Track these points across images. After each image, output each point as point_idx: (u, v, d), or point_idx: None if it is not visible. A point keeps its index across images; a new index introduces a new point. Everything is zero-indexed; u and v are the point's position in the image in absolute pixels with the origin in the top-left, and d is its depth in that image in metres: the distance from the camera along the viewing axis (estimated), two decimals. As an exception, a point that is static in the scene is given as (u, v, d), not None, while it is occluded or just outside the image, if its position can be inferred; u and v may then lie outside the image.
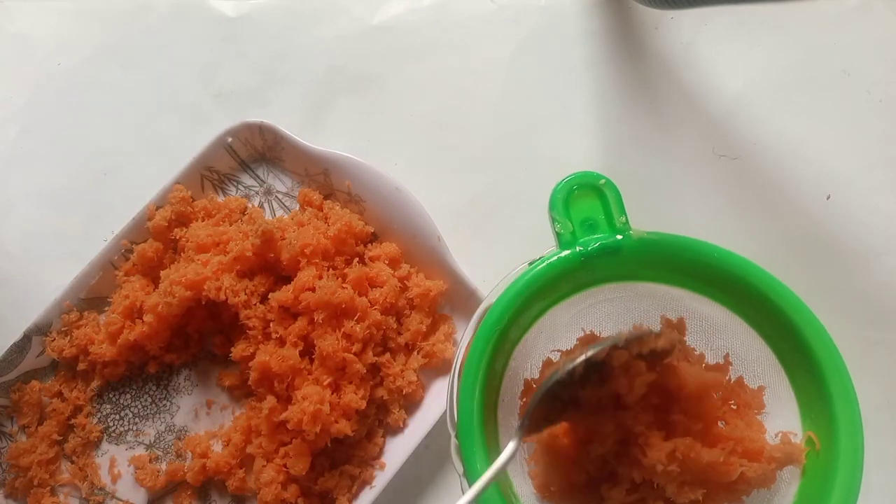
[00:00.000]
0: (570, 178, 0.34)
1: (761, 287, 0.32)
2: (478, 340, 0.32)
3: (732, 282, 0.33)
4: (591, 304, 0.35)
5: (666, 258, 0.33)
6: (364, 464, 0.39)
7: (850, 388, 0.30)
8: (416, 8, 0.49)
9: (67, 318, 0.41)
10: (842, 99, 0.45)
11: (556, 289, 0.34)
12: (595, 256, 0.33)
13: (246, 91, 0.48)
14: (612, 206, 0.34)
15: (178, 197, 0.42)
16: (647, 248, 0.33)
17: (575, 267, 0.33)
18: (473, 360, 0.32)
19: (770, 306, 0.32)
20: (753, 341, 0.34)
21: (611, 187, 0.34)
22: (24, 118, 0.48)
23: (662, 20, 0.48)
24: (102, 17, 0.51)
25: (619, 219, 0.34)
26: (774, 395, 0.33)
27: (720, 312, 0.34)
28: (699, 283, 0.34)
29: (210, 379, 0.42)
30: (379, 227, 0.43)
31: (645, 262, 0.34)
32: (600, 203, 0.34)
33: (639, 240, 0.33)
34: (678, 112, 0.46)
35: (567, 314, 0.35)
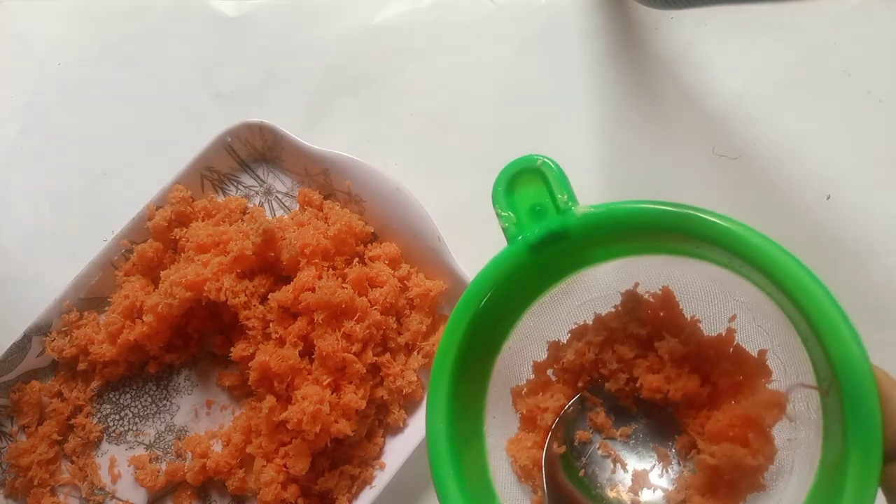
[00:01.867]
0: (508, 166, 0.32)
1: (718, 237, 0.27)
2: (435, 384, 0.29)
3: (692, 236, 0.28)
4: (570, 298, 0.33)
5: (617, 229, 0.30)
6: (364, 464, 0.39)
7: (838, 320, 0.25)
8: (416, 8, 0.49)
9: (67, 318, 0.41)
10: (842, 99, 0.45)
11: (516, 294, 0.31)
12: (542, 244, 0.30)
13: (246, 91, 0.48)
14: (554, 186, 0.30)
15: (178, 197, 0.42)
16: (596, 223, 0.29)
17: (525, 261, 0.30)
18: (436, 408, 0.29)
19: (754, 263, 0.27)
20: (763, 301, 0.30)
21: (549, 167, 0.31)
22: (24, 118, 0.48)
23: (662, 20, 0.48)
24: (102, 17, 0.51)
25: (561, 198, 0.30)
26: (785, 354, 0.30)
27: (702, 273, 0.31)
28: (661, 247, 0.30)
29: (210, 379, 0.42)
30: (379, 227, 0.43)
31: (598, 239, 0.30)
32: (544, 186, 0.31)
33: (583, 216, 0.29)
34: (678, 112, 0.46)
35: (553, 310, 0.33)
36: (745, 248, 0.26)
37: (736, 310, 0.31)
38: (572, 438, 0.31)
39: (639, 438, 0.31)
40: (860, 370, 0.24)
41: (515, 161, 0.32)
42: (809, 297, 0.25)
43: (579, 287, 0.33)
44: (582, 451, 0.31)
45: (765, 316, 0.30)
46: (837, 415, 0.25)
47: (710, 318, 0.32)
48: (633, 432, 0.31)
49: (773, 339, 0.30)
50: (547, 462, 0.30)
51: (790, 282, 0.25)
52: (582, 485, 0.30)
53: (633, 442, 0.31)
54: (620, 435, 0.31)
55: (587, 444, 0.31)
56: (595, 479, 0.30)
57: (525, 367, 0.33)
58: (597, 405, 0.31)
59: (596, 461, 0.31)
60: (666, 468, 0.30)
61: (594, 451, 0.31)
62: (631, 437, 0.31)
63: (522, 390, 0.33)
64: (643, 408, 0.31)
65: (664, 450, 0.30)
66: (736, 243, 0.27)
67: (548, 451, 0.30)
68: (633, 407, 0.31)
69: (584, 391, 0.32)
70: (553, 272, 0.32)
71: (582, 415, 0.31)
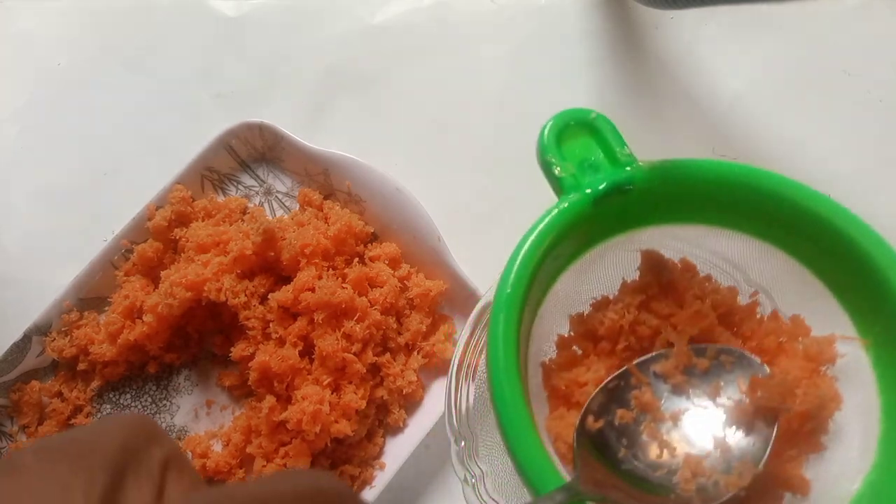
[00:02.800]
0: (557, 117, 0.30)
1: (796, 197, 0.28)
2: (497, 315, 0.26)
3: (759, 199, 0.28)
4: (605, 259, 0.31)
5: (684, 186, 0.29)
6: (364, 464, 0.39)
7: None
8: (416, 8, 0.49)
9: (67, 318, 0.41)
10: (842, 99, 0.45)
11: (566, 246, 0.29)
12: (606, 196, 0.28)
13: (246, 91, 0.48)
14: (611, 139, 0.29)
15: (178, 197, 0.42)
16: (661, 178, 0.28)
17: (587, 213, 0.28)
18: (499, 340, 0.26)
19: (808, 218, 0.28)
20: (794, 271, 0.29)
21: (603, 120, 0.30)
22: (24, 118, 0.48)
23: (662, 20, 0.48)
24: (102, 17, 0.51)
25: (622, 151, 0.29)
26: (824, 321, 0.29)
27: (748, 245, 0.30)
28: (725, 213, 0.29)
29: (210, 379, 0.42)
30: (379, 227, 0.43)
31: (661, 196, 0.29)
32: (595, 141, 0.29)
33: (650, 169, 0.28)
34: (678, 112, 0.46)
35: (581, 281, 0.31)
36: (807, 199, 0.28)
37: (766, 283, 0.31)
38: (612, 416, 0.28)
39: (691, 420, 0.28)
40: None
41: (565, 112, 0.30)
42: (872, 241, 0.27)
43: (605, 257, 0.31)
44: (623, 430, 0.28)
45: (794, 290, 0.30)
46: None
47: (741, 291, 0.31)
48: (683, 414, 0.28)
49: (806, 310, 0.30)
50: (579, 437, 0.27)
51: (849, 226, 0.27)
52: (618, 467, 0.27)
53: (684, 426, 0.28)
54: (670, 417, 0.28)
55: (628, 423, 0.28)
56: (636, 462, 0.27)
57: (550, 342, 0.31)
58: (643, 383, 0.29)
59: (639, 444, 0.28)
60: (724, 453, 0.27)
61: (637, 431, 0.28)
62: (680, 420, 0.28)
63: (554, 365, 0.30)
64: (695, 386, 0.28)
65: (723, 433, 0.27)
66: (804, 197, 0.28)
67: (581, 426, 0.28)
68: (684, 385, 0.28)
69: (630, 366, 0.29)
70: (597, 232, 0.30)
71: (625, 392, 0.28)
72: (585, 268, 0.31)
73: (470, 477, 0.31)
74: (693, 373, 0.29)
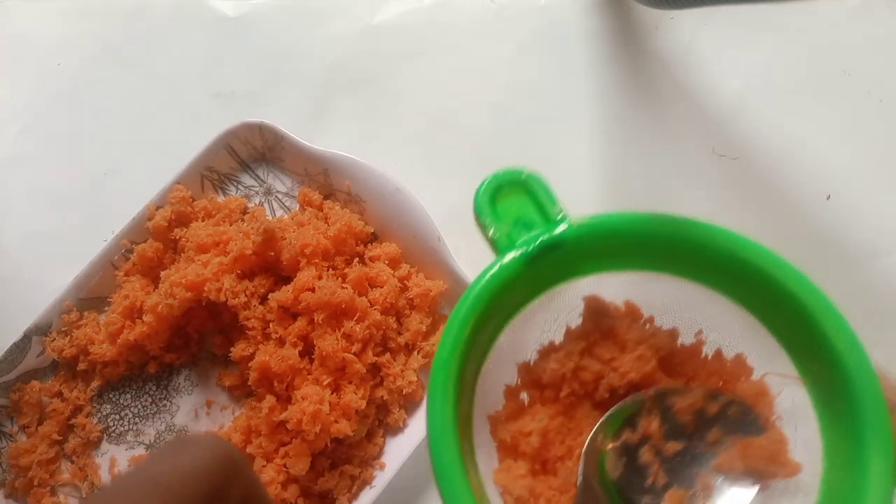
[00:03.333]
0: (490, 179, 0.31)
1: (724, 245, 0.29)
2: (434, 383, 0.28)
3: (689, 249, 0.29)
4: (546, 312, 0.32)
5: (614, 239, 0.30)
6: (364, 464, 0.39)
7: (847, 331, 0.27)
8: (416, 8, 0.49)
9: (67, 318, 0.41)
10: (842, 99, 0.45)
11: (508, 302, 0.31)
12: (539, 255, 0.29)
13: (246, 91, 0.48)
14: (543, 198, 0.30)
15: (178, 197, 0.42)
16: (592, 233, 0.30)
17: (521, 272, 0.29)
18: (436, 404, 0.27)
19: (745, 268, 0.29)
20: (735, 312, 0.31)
21: (535, 180, 0.31)
22: (24, 118, 0.48)
23: (662, 20, 0.48)
24: (102, 17, 0.51)
25: (554, 209, 0.30)
26: (763, 359, 0.30)
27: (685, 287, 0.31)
28: (661, 261, 0.31)
29: (210, 379, 0.42)
30: (379, 227, 0.43)
31: (594, 249, 0.30)
32: (529, 200, 0.31)
33: (580, 226, 0.30)
34: (678, 112, 0.46)
35: (524, 332, 0.32)
36: (740, 248, 0.28)
37: (706, 323, 0.32)
38: (618, 436, 0.30)
39: (685, 458, 0.30)
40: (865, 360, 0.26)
41: (497, 174, 0.31)
42: (805, 289, 0.28)
43: (551, 304, 0.33)
44: (624, 451, 0.30)
45: (736, 330, 0.31)
46: (838, 410, 0.27)
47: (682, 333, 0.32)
48: (681, 450, 0.30)
49: (748, 348, 0.31)
50: (586, 455, 0.29)
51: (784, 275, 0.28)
52: (610, 487, 0.29)
53: (679, 460, 0.30)
54: (668, 448, 0.29)
55: (631, 446, 0.30)
56: (629, 485, 0.29)
57: (499, 393, 0.32)
58: (654, 410, 0.30)
59: (635, 467, 0.29)
60: (705, 498, 0.29)
61: (635, 455, 0.30)
62: (678, 455, 0.30)
63: (501, 417, 0.32)
64: (699, 429, 0.30)
65: (709, 478, 0.29)
66: (729, 243, 0.28)
67: (590, 444, 0.29)
68: (690, 425, 0.30)
69: (649, 392, 0.31)
70: (534, 287, 0.31)
71: (634, 416, 0.30)
72: (530, 316, 0.32)
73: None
74: (701, 416, 0.30)
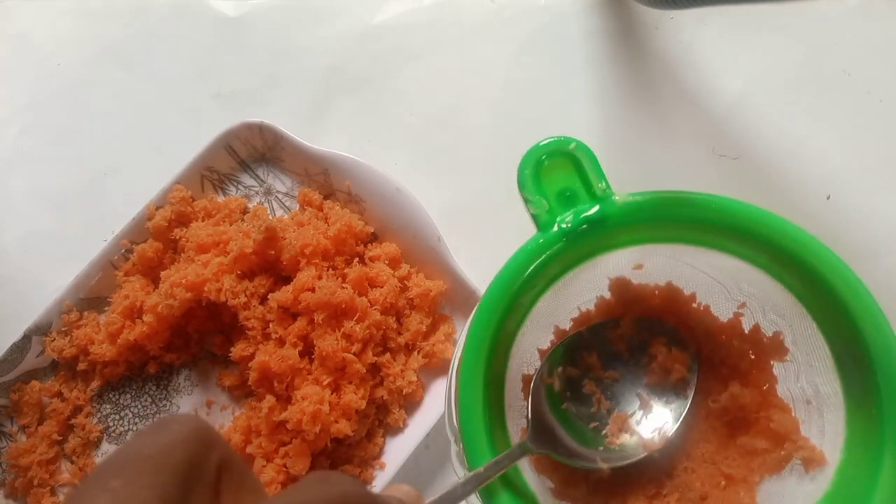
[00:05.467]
0: (535, 149, 0.30)
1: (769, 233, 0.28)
2: (469, 350, 0.28)
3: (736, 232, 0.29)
4: (583, 281, 0.32)
5: (656, 219, 0.29)
6: (364, 464, 0.39)
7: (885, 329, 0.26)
8: (416, 8, 0.49)
9: (67, 318, 0.41)
10: (842, 99, 0.45)
11: (545, 274, 0.30)
12: (581, 231, 0.29)
13: (246, 91, 0.48)
14: (589, 171, 0.29)
15: (178, 197, 0.42)
16: (635, 212, 0.29)
17: (559, 248, 0.29)
18: (469, 370, 0.28)
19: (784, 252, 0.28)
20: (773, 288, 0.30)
21: (583, 150, 0.30)
22: (24, 118, 0.48)
23: (662, 20, 0.48)
24: (102, 17, 0.51)
25: (599, 185, 0.29)
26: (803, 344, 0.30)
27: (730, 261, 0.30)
28: (704, 237, 0.30)
29: (210, 379, 0.42)
30: (379, 227, 0.43)
31: (638, 228, 0.30)
32: (576, 171, 0.30)
33: (623, 205, 0.29)
34: (678, 112, 0.46)
35: (560, 298, 0.32)
36: (783, 236, 0.28)
37: (747, 300, 0.32)
38: (561, 372, 0.32)
39: (625, 383, 0.32)
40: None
41: (543, 143, 0.30)
42: (845, 282, 0.27)
43: (590, 272, 0.32)
44: (568, 385, 0.32)
45: (777, 307, 0.31)
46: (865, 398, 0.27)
47: (721, 308, 0.33)
48: (620, 377, 0.32)
49: (786, 328, 0.31)
50: (534, 390, 0.31)
51: (825, 267, 0.27)
52: (563, 418, 0.31)
53: (619, 385, 0.32)
54: (607, 377, 0.32)
55: (574, 379, 0.32)
56: (577, 415, 0.31)
57: (534, 353, 0.33)
58: (591, 346, 0.32)
59: (580, 398, 0.31)
60: (646, 415, 0.31)
61: (580, 387, 0.32)
62: (617, 381, 0.32)
63: (532, 378, 0.32)
64: (633, 355, 0.32)
65: (647, 397, 0.32)
66: (774, 231, 0.28)
67: (535, 380, 0.31)
68: (624, 353, 0.32)
69: (583, 330, 0.32)
70: (574, 259, 0.30)
71: (575, 352, 0.32)
72: (568, 283, 0.32)
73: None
74: (633, 342, 0.32)
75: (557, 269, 0.30)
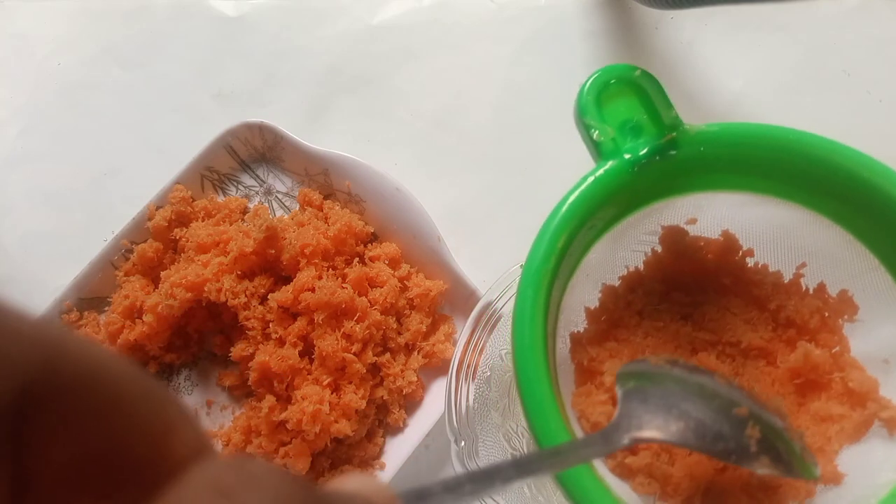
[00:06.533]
0: (599, 74, 0.28)
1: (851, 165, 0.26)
2: (525, 290, 0.25)
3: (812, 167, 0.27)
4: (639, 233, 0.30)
5: (731, 151, 0.27)
6: (364, 464, 0.39)
7: None
8: (416, 8, 0.49)
9: (67, 318, 0.41)
10: (842, 99, 0.45)
11: (605, 212, 0.27)
12: (648, 163, 0.26)
13: (246, 91, 0.48)
14: (655, 100, 0.27)
15: (178, 197, 0.42)
16: (707, 143, 0.27)
17: (626, 181, 0.26)
18: (525, 315, 0.24)
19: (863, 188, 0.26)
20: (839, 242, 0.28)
21: (648, 79, 0.28)
22: (24, 118, 0.48)
23: (662, 20, 0.48)
24: (102, 17, 0.51)
25: (668, 113, 0.27)
26: (876, 300, 0.28)
27: (796, 214, 0.28)
28: (775, 182, 0.28)
29: (210, 379, 0.42)
30: (379, 227, 0.43)
31: (706, 162, 0.27)
32: (639, 101, 0.27)
33: (697, 134, 0.27)
34: (678, 112, 0.46)
35: (612, 250, 0.29)
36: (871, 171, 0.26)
37: (810, 255, 0.29)
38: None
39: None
40: None
41: (607, 68, 0.28)
42: None
43: (646, 223, 0.30)
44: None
45: (843, 261, 0.29)
46: None
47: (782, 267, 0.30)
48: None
49: (854, 285, 0.29)
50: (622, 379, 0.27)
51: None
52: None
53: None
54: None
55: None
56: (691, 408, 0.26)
57: (582, 312, 0.30)
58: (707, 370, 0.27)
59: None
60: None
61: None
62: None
63: (583, 339, 0.30)
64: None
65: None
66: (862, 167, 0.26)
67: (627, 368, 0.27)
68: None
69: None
70: (639, 198, 0.28)
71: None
72: (621, 234, 0.29)
73: (470, 477, 0.31)
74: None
75: (619, 209, 0.28)
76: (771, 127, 0.27)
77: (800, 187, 0.27)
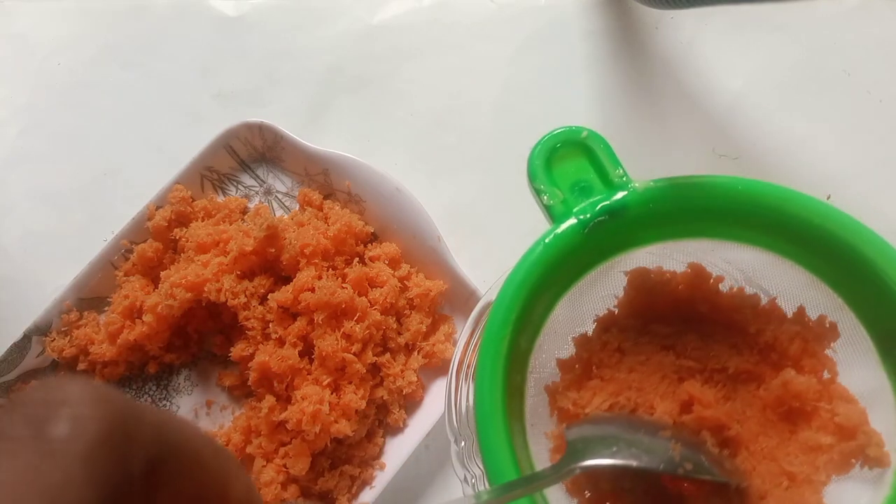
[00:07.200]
0: (547, 138, 0.28)
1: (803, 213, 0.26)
2: (485, 356, 0.26)
3: (764, 216, 0.27)
4: (601, 287, 0.30)
5: (679, 207, 0.27)
6: (364, 464, 0.39)
7: None
8: (416, 8, 0.49)
9: (67, 318, 0.41)
10: (842, 99, 0.45)
11: (562, 275, 0.28)
12: (599, 224, 0.27)
13: (246, 91, 0.48)
14: (604, 160, 0.27)
15: (178, 197, 0.42)
16: (657, 199, 0.27)
17: (577, 242, 0.27)
18: (486, 377, 0.26)
19: (818, 234, 0.26)
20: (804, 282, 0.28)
21: (596, 138, 0.28)
22: (24, 118, 0.48)
23: (662, 20, 0.48)
24: (102, 17, 0.51)
25: (616, 172, 0.27)
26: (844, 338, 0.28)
27: (757, 256, 0.29)
28: (731, 227, 0.28)
29: (210, 379, 0.42)
30: (379, 227, 0.43)
31: (659, 218, 0.28)
32: (588, 161, 0.28)
33: (645, 191, 0.27)
34: (678, 112, 0.46)
35: (576, 306, 0.30)
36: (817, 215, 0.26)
37: (779, 299, 0.30)
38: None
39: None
40: None
41: (554, 133, 0.28)
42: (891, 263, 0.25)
43: (609, 276, 0.30)
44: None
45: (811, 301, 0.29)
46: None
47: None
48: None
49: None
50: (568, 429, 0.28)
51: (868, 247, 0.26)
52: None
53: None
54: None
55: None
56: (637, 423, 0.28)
57: (553, 365, 0.31)
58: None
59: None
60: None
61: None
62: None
63: (558, 388, 0.30)
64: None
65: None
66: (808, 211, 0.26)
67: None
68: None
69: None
70: (593, 257, 0.29)
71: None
72: (586, 289, 0.30)
73: (470, 477, 0.31)
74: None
75: (575, 269, 0.28)
76: (719, 179, 0.27)
77: (757, 232, 0.28)
